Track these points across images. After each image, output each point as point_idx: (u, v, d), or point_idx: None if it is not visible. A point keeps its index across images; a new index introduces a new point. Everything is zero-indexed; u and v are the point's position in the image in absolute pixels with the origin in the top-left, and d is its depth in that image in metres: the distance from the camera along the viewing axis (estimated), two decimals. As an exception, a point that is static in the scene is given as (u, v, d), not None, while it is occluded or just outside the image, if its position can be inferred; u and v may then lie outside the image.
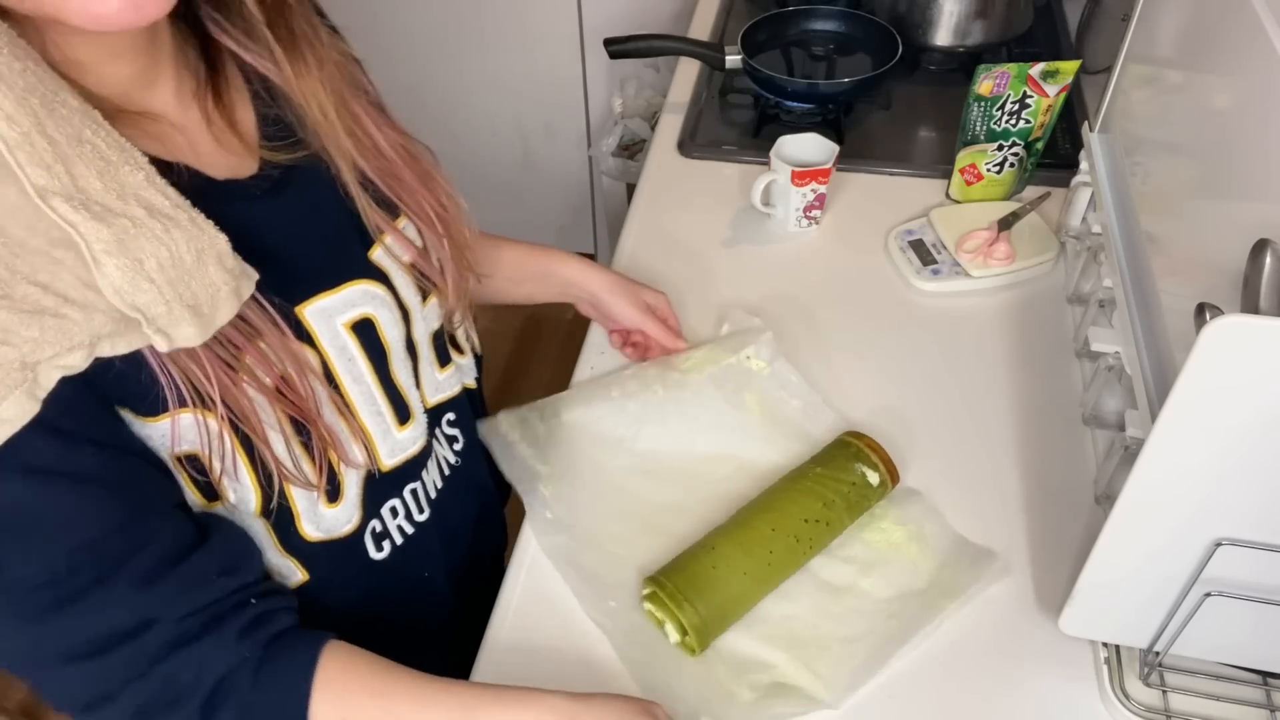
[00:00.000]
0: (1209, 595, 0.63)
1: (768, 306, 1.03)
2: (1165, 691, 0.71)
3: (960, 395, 0.94)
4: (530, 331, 2.32)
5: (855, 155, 1.20)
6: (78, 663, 0.54)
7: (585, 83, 2.13)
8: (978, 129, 1.07)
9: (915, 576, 0.79)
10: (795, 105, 1.27)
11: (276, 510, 0.64)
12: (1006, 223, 1.04)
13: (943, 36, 1.31)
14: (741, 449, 0.88)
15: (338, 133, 0.65)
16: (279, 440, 0.61)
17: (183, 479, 0.59)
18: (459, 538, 0.84)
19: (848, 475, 0.81)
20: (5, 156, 0.44)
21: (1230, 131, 0.67)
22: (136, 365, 0.53)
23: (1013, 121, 1.06)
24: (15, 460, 0.49)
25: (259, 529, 0.64)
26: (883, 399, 0.93)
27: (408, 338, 0.72)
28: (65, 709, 0.57)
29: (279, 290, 0.59)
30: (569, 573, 0.79)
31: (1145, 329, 0.75)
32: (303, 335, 0.63)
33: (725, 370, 0.93)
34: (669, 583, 0.74)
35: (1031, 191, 1.12)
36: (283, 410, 0.60)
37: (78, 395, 0.51)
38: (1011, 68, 1.02)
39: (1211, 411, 0.54)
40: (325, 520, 0.68)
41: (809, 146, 1.10)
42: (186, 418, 0.57)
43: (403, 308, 0.71)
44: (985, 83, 1.03)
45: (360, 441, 0.68)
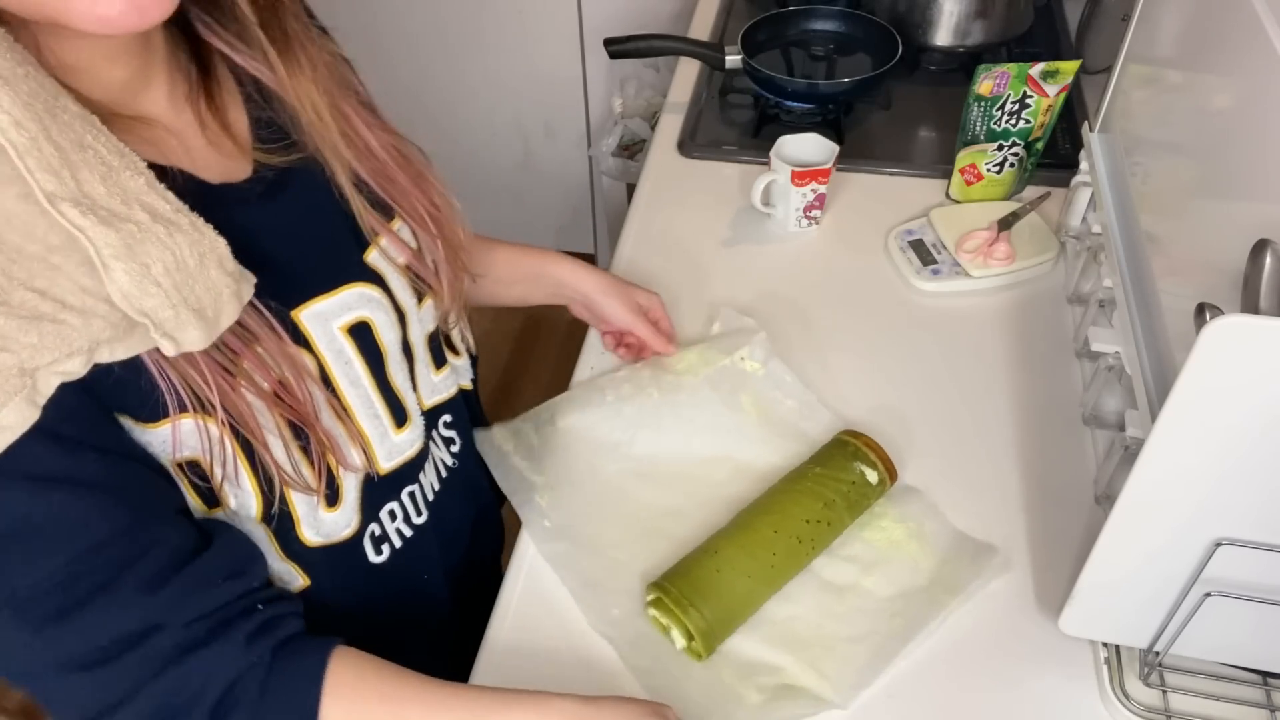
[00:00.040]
0: (1209, 595, 0.63)
1: (768, 306, 1.03)
2: (1165, 691, 0.71)
3: (960, 395, 0.94)
4: (530, 332, 2.32)
5: (855, 155, 1.20)
6: (84, 671, 0.54)
7: (585, 83, 2.13)
8: (978, 129, 1.07)
9: (917, 574, 0.79)
10: (795, 105, 1.27)
11: (277, 516, 0.63)
12: (1006, 223, 1.04)
13: (943, 36, 1.31)
14: (738, 450, 0.88)
15: (332, 134, 0.65)
16: (278, 445, 0.60)
17: (184, 485, 0.59)
18: (457, 539, 0.84)
19: (847, 474, 0.81)
20: (15, 162, 0.44)
21: (1230, 131, 0.67)
22: (135, 371, 0.53)
23: (1013, 121, 1.06)
24: (16, 468, 0.49)
25: (260, 535, 0.64)
26: (883, 399, 0.93)
27: (404, 340, 0.71)
28: (71, 719, 0.56)
29: (275, 294, 0.58)
30: (570, 580, 0.79)
31: (1145, 329, 0.75)
32: (299, 339, 0.62)
33: (720, 372, 0.92)
34: (673, 588, 0.74)
35: (1031, 191, 1.12)
36: (281, 415, 0.60)
37: (78, 402, 0.51)
38: (1011, 68, 1.02)
39: (1211, 411, 0.54)
40: (325, 525, 0.67)
41: (809, 146, 1.10)
42: (187, 423, 0.56)
43: (398, 310, 0.70)
44: (985, 83, 1.03)
45: (358, 445, 0.67)
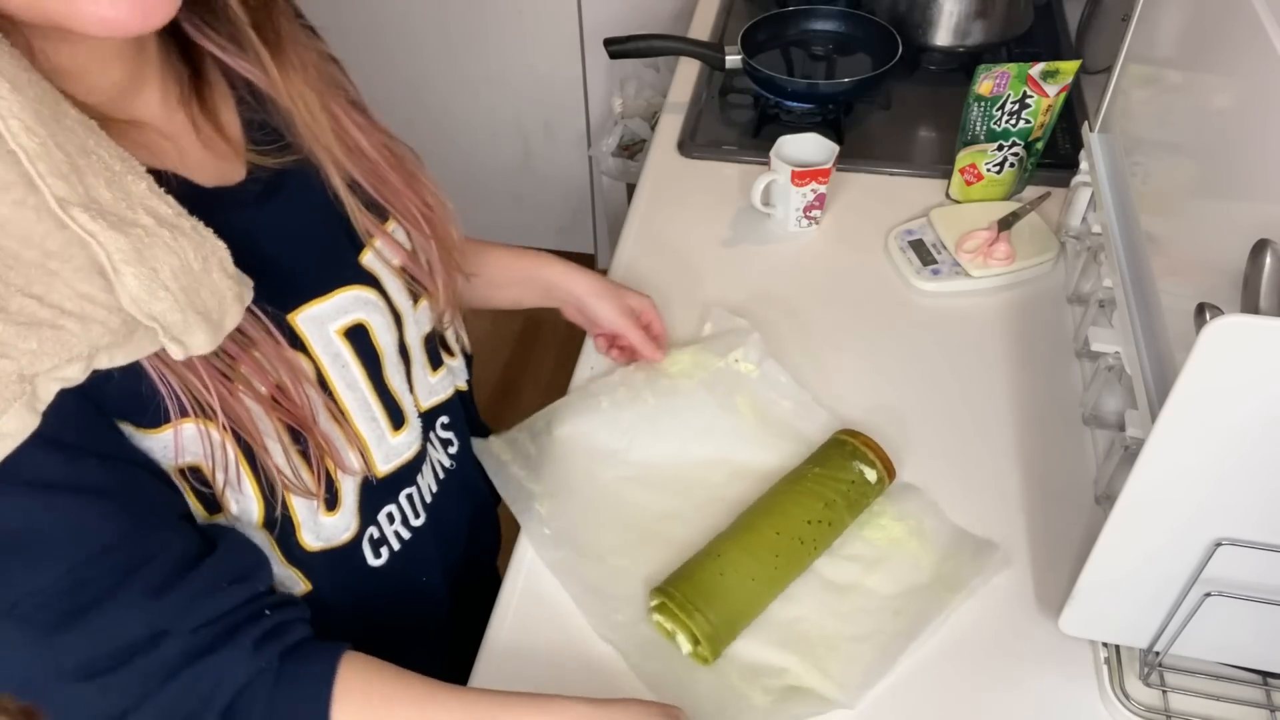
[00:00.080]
0: (1209, 595, 0.63)
1: (768, 307, 1.03)
2: (1165, 691, 0.71)
3: (960, 395, 0.94)
4: (530, 333, 2.32)
5: (855, 155, 1.20)
6: (89, 679, 0.53)
7: (585, 83, 2.13)
8: (978, 129, 1.07)
9: (918, 571, 0.79)
10: (795, 105, 1.27)
11: (279, 521, 0.63)
12: (1006, 223, 1.04)
13: (943, 36, 1.31)
14: (736, 453, 0.88)
15: (326, 135, 0.65)
16: (278, 449, 0.60)
17: (185, 492, 0.59)
18: (454, 540, 0.84)
19: (846, 474, 0.81)
20: (26, 168, 0.44)
21: (1230, 131, 0.67)
22: (136, 377, 0.52)
23: (1013, 121, 1.06)
24: (17, 475, 0.48)
25: (261, 541, 0.64)
26: (883, 399, 0.93)
27: (400, 342, 0.71)
28: None
29: (271, 298, 0.58)
30: (573, 587, 0.79)
31: (1145, 329, 0.75)
32: (295, 343, 0.62)
33: (715, 375, 0.92)
34: (678, 592, 0.73)
35: (1031, 191, 1.12)
36: (279, 419, 0.59)
37: (78, 408, 0.51)
38: (1011, 68, 1.02)
39: (1211, 411, 0.54)
40: (325, 529, 0.67)
41: (809, 146, 1.10)
42: (189, 428, 0.56)
43: (394, 312, 0.70)
44: (985, 83, 1.03)
45: (355, 448, 0.67)
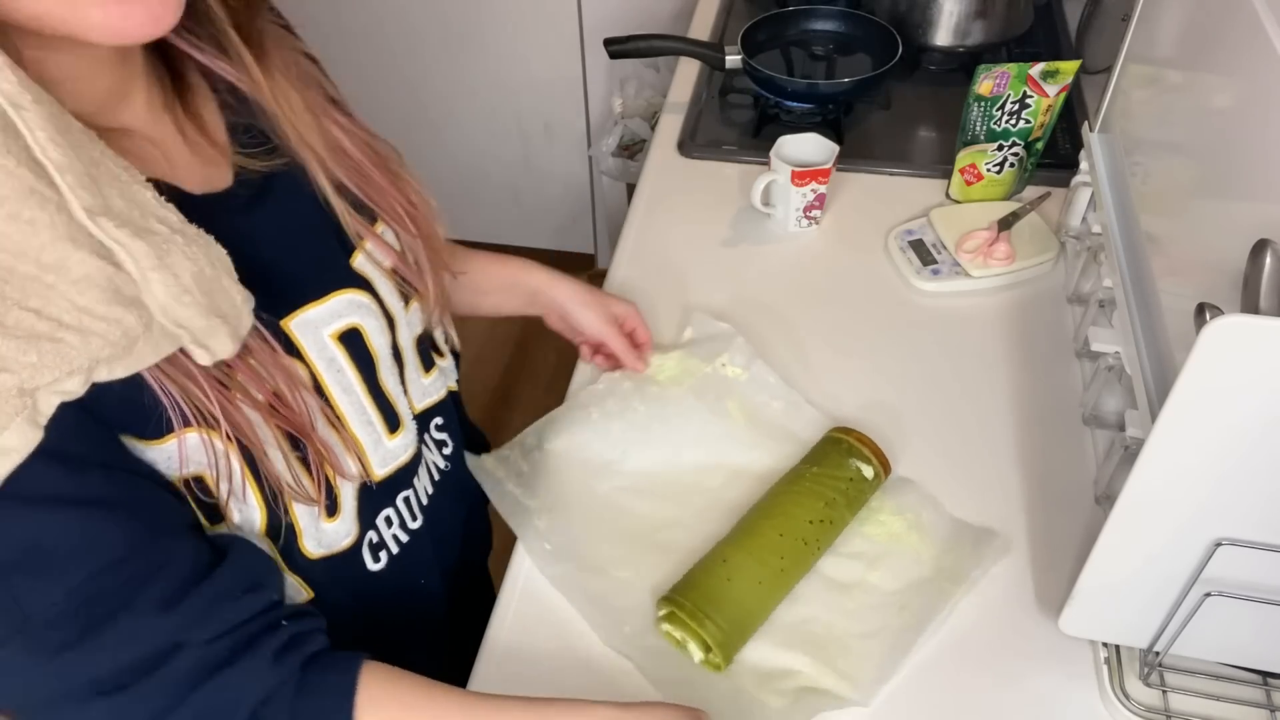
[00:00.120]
0: (1209, 595, 0.63)
1: (768, 307, 1.03)
2: (1165, 691, 0.71)
3: (960, 395, 0.94)
4: (530, 334, 2.32)
5: (855, 155, 1.20)
6: (104, 697, 0.52)
7: (585, 83, 2.13)
8: (978, 129, 1.07)
9: (920, 565, 0.79)
10: (795, 105, 1.27)
11: (282, 529, 0.63)
12: (1006, 223, 1.04)
13: (943, 36, 1.31)
14: (730, 456, 0.87)
15: (312, 135, 0.64)
16: (278, 456, 0.60)
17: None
18: (451, 542, 0.84)
19: (843, 471, 0.81)
20: (55, 179, 0.43)
21: (1230, 131, 0.67)
22: (136, 389, 0.52)
23: (1013, 121, 1.06)
24: (20, 490, 0.47)
25: (264, 550, 0.63)
26: (884, 399, 0.93)
27: (393, 345, 0.71)
28: None
29: (264, 305, 0.57)
30: (578, 600, 0.78)
31: (1145, 329, 0.75)
32: (290, 349, 0.62)
33: (703, 381, 0.92)
34: (686, 601, 0.73)
35: (1031, 191, 1.12)
36: (277, 426, 0.59)
37: (78, 420, 0.50)
38: (1011, 68, 1.02)
39: (1211, 411, 0.54)
40: (326, 536, 0.67)
41: (809, 146, 1.10)
42: (193, 438, 0.56)
43: (387, 315, 0.70)
44: (985, 83, 1.03)
45: (353, 453, 0.67)
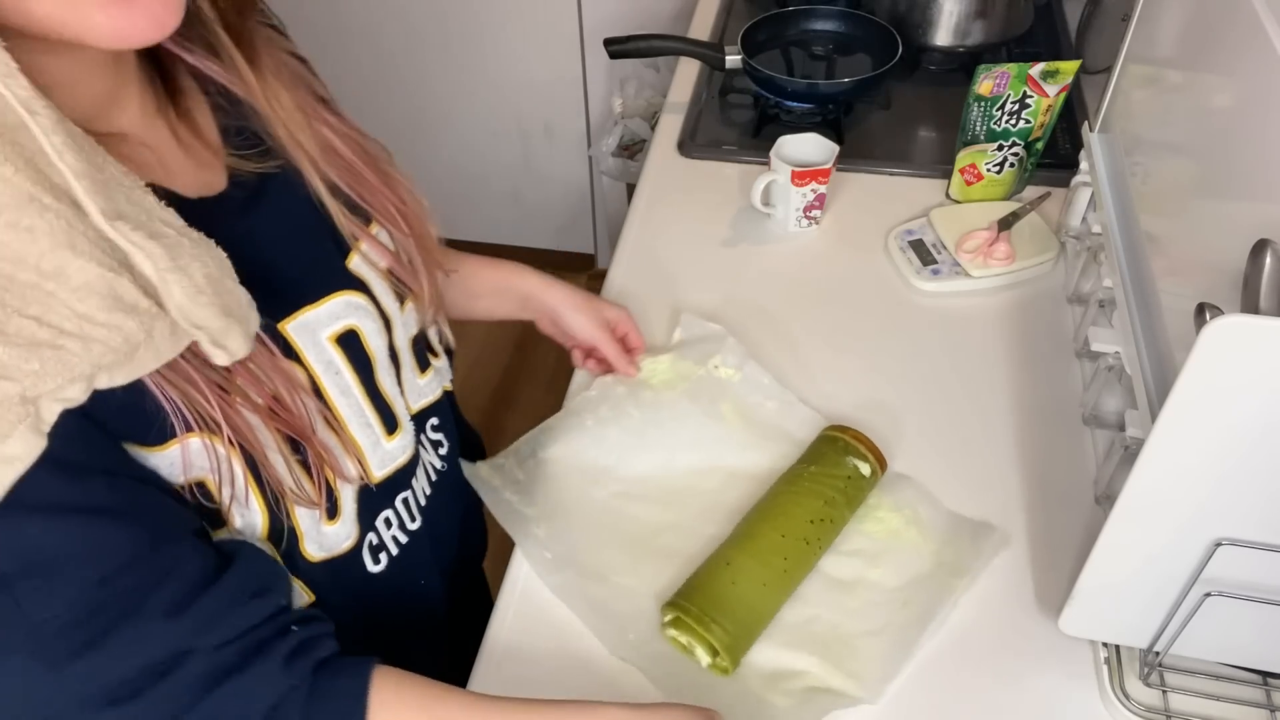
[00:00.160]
0: (1209, 595, 0.63)
1: (768, 307, 1.03)
2: (1165, 691, 0.71)
3: (960, 395, 0.94)
4: (530, 334, 2.31)
5: (855, 155, 1.20)
6: (113, 706, 0.52)
7: (585, 83, 2.13)
8: (978, 129, 1.07)
9: (920, 560, 0.79)
10: (795, 105, 1.27)
11: (284, 533, 0.63)
12: (1006, 223, 1.04)
13: (943, 36, 1.31)
14: (727, 458, 0.87)
15: (305, 136, 0.64)
16: (279, 460, 0.60)
17: None
18: (449, 542, 0.84)
19: (841, 470, 0.81)
20: (71, 184, 0.43)
21: (1230, 131, 0.67)
22: (138, 395, 0.52)
23: (1013, 121, 1.06)
24: (24, 499, 0.47)
25: None
26: (884, 399, 0.93)
27: (390, 346, 0.71)
28: None
29: (262, 307, 0.56)
30: (580, 608, 0.77)
31: (1145, 329, 0.75)
32: (289, 352, 0.61)
33: (697, 384, 0.92)
34: (692, 605, 0.73)
35: (1031, 191, 1.12)
36: (277, 429, 0.59)
37: (82, 427, 0.50)
38: (1011, 68, 1.02)
39: (1211, 411, 0.54)
40: (327, 539, 0.67)
41: (809, 146, 1.10)
42: (195, 443, 0.55)
43: (384, 316, 0.70)
44: (985, 83, 1.03)
45: (352, 455, 0.67)
